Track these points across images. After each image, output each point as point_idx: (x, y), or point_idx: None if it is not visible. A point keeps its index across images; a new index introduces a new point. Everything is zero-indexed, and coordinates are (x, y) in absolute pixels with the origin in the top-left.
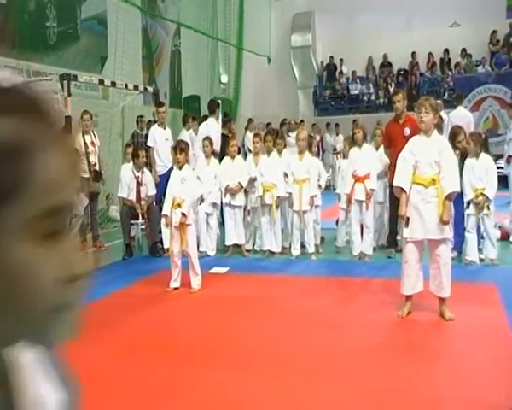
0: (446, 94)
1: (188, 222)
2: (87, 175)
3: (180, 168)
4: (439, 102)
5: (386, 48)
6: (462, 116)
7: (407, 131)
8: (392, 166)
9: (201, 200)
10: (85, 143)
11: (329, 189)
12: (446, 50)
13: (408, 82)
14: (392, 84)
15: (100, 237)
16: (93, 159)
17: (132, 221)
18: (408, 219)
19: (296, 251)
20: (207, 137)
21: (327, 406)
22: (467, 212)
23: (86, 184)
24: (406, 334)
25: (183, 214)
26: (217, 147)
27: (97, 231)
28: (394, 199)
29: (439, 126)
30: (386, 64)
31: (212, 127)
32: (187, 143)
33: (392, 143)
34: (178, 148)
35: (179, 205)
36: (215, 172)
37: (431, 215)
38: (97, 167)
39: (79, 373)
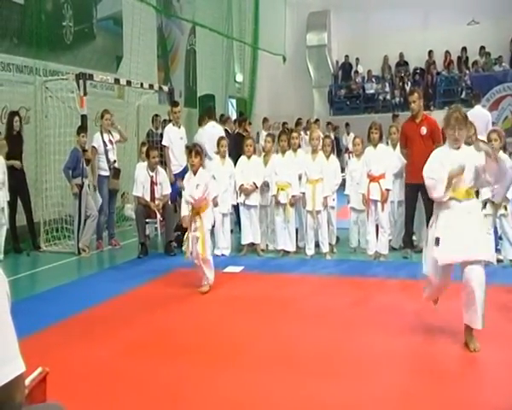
0: (464, 93)
1: (204, 223)
2: (107, 173)
3: (194, 173)
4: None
5: (402, 46)
6: (480, 115)
7: (424, 130)
8: (408, 166)
9: (216, 202)
10: (104, 142)
11: (343, 189)
12: (464, 48)
13: (424, 81)
14: (409, 83)
15: (115, 235)
16: (112, 157)
17: (147, 220)
18: (438, 239)
19: (310, 251)
20: (223, 138)
21: (339, 406)
22: (484, 212)
23: (106, 182)
24: (422, 336)
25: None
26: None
27: (113, 230)
28: (409, 199)
29: None
30: (402, 63)
31: (219, 129)
32: (202, 147)
33: (409, 143)
34: (194, 151)
35: (198, 213)
36: (230, 172)
37: (467, 232)
38: (116, 165)
39: (93, 369)
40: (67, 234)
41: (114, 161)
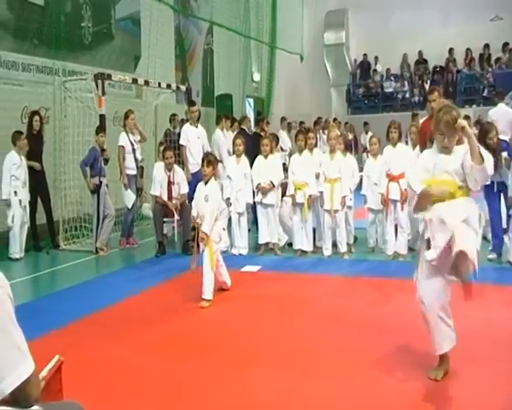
0: (486, 91)
1: (212, 238)
2: (134, 172)
3: (206, 183)
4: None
5: (421, 44)
6: (503, 113)
7: None
8: None
9: (229, 203)
10: (131, 142)
11: (360, 189)
12: (486, 45)
13: (444, 79)
14: (428, 82)
15: (133, 234)
16: (138, 156)
17: (165, 219)
18: (429, 240)
19: (328, 251)
20: (239, 137)
21: (356, 407)
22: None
23: (134, 181)
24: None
25: (204, 233)
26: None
27: (132, 228)
28: None
29: None
30: (421, 61)
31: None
32: (215, 157)
33: (428, 142)
34: (206, 160)
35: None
36: (245, 171)
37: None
38: (143, 164)
39: (111, 367)
40: (86, 233)
41: (142, 160)
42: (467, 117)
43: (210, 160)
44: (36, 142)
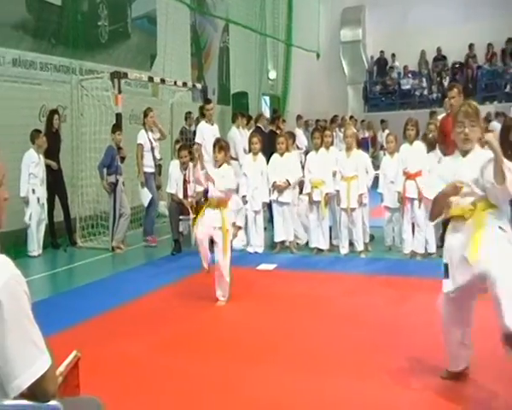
0: (508, 87)
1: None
2: (152, 170)
3: (219, 166)
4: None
5: (440, 41)
6: None
7: None
8: None
9: (245, 201)
10: (149, 140)
11: (376, 187)
12: (510, 40)
13: (464, 75)
14: (447, 78)
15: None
16: (157, 154)
17: (181, 217)
18: (447, 266)
19: (344, 249)
20: (255, 135)
21: (370, 406)
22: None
23: (152, 179)
24: None
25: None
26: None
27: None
28: None
29: None
30: (440, 57)
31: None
32: (227, 143)
33: (447, 139)
34: (218, 146)
35: (217, 206)
36: (262, 168)
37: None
38: (161, 162)
39: (128, 364)
40: (102, 230)
41: (160, 159)
42: (489, 130)
43: (222, 145)
44: (54, 140)
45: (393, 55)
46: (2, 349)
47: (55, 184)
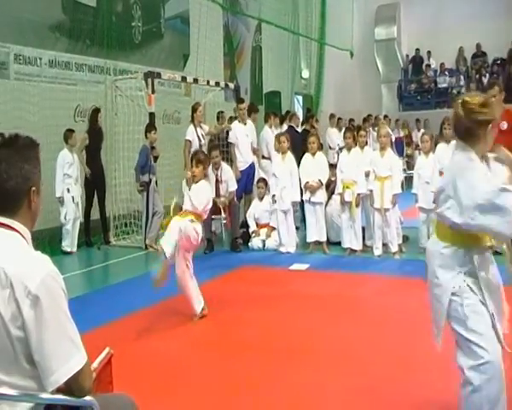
0: None
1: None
2: None
3: (196, 182)
4: None
5: (479, 36)
6: None
7: (504, 125)
8: None
9: (274, 200)
10: (198, 136)
11: (407, 187)
12: None
13: (505, 72)
14: (487, 75)
15: None
16: (205, 151)
17: (213, 216)
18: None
19: (378, 250)
20: (283, 134)
21: (410, 404)
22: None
23: None
24: None
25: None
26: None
27: None
28: None
29: None
30: (479, 54)
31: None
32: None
33: None
34: (195, 159)
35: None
36: (290, 168)
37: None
38: None
39: (161, 361)
40: (136, 229)
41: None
42: None
43: (199, 159)
44: (97, 138)
45: (429, 53)
46: (40, 344)
47: (96, 181)
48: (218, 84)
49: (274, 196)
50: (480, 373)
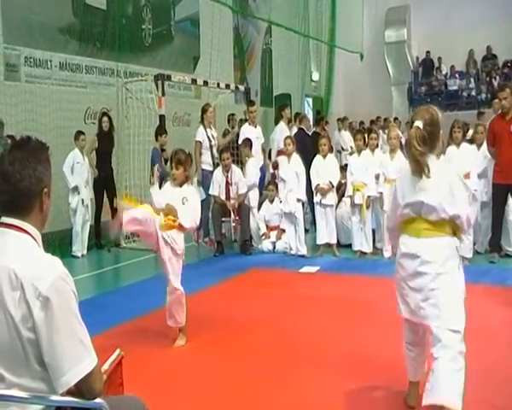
0: None
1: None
2: (211, 168)
3: (180, 185)
4: None
5: (489, 39)
6: None
7: None
8: (496, 166)
9: (280, 202)
10: (208, 137)
11: None
12: None
13: None
14: (497, 78)
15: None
16: (215, 152)
17: (223, 219)
18: None
19: (388, 253)
20: (289, 136)
21: None
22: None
23: (210, 177)
24: (505, 341)
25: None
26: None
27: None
28: (497, 200)
29: None
30: (489, 56)
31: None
32: (187, 155)
33: (497, 142)
34: (175, 159)
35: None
36: (296, 170)
37: None
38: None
39: (170, 363)
40: None
41: (217, 157)
42: None
43: (180, 159)
44: (106, 142)
45: (439, 59)
46: (51, 346)
47: (106, 183)
48: (228, 86)
49: (281, 201)
50: None
